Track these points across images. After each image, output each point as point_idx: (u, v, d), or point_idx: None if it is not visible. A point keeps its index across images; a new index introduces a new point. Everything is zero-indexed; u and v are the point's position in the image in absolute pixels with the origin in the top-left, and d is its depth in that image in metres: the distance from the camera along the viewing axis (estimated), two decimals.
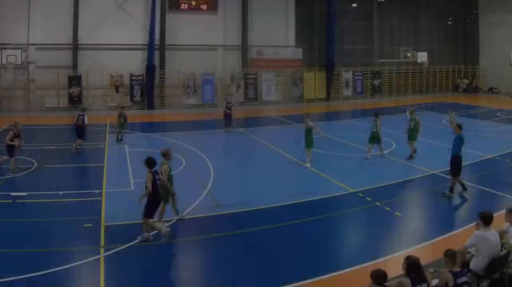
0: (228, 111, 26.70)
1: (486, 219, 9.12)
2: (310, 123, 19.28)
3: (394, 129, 24.71)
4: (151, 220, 11.55)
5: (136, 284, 9.75)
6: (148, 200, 11.38)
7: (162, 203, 12.25)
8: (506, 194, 15.61)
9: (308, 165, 19.16)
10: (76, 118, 21.46)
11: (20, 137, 17.68)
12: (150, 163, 11.58)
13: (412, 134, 20.64)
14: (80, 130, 21.11)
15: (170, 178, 12.62)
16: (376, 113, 21.21)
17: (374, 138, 20.48)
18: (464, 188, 15.71)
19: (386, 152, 21.23)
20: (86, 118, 21.28)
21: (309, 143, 19.33)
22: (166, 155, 12.69)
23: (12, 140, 17.28)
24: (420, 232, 12.94)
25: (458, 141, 15.43)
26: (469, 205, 15.23)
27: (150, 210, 11.43)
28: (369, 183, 16.77)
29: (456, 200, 15.64)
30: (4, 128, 24.07)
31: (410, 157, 20.24)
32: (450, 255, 8.16)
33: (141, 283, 9.78)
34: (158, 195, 11.52)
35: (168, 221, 12.65)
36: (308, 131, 19.20)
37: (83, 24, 33.18)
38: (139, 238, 11.46)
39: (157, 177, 11.59)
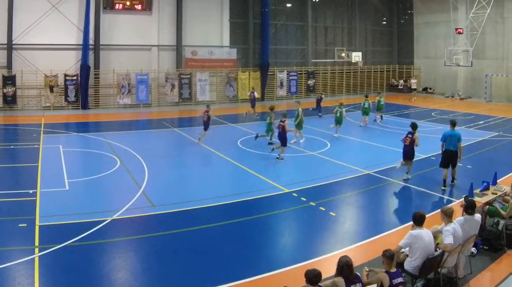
0: (319, 99, 37.08)
1: (418, 220, 9.84)
2: (300, 109, 26.06)
3: (330, 129, 28.29)
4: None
5: (71, 284, 10.25)
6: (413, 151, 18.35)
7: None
8: (441, 194, 16.98)
9: (301, 141, 25.79)
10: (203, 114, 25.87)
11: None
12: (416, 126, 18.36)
13: (380, 108, 33.08)
14: (206, 123, 25.58)
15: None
16: (366, 95, 33.53)
17: (366, 111, 31.27)
18: (444, 184, 17.50)
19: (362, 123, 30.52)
20: (210, 113, 25.74)
21: (298, 124, 25.86)
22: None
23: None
24: (354, 231, 13.87)
25: (452, 137, 17.26)
26: (404, 205, 16.52)
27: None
28: (304, 183, 18.01)
29: (391, 200, 17.11)
30: None
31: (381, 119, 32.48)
32: (388, 256, 8.67)
33: (76, 283, 10.28)
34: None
35: (103, 221, 13.74)
36: (297, 115, 25.83)
37: (17, 24, 35.67)
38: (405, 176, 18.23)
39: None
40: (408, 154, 18.40)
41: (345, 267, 8.06)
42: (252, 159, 22.32)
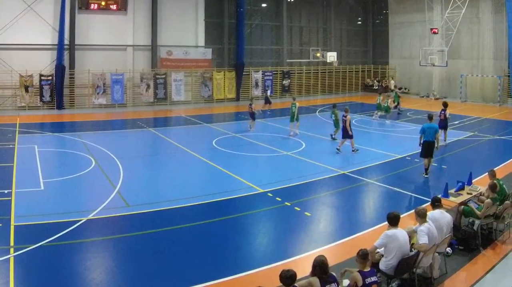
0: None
1: (392, 220, 10.16)
2: (297, 104, 29.30)
3: (303, 130, 29.54)
4: None
5: (46, 284, 10.47)
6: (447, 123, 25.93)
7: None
8: (416, 194, 17.38)
9: (292, 134, 28.67)
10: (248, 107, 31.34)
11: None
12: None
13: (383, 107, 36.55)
14: (252, 114, 31.03)
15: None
16: (386, 90, 38.20)
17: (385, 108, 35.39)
18: (426, 172, 19.76)
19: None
20: (253, 105, 31.23)
21: (292, 117, 28.94)
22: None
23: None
24: (329, 231, 14.18)
25: (430, 129, 19.58)
26: (379, 205, 16.89)
27: None
28: (279, 183, 18.48)
29: (367, 200, 17.64)
30: None
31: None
32: (361, 255, 8.95)
33: (51, 283, 10.50)
34: None
35: (78, 221, 14.06)
36: (294, 109, 28.81)
37: None
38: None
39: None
40: (444, 125, 26.16)
41: (317, 267, 8.32)
42: (227, 158, 22.95)
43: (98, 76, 40.41)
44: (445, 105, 26.75)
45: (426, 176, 19.78)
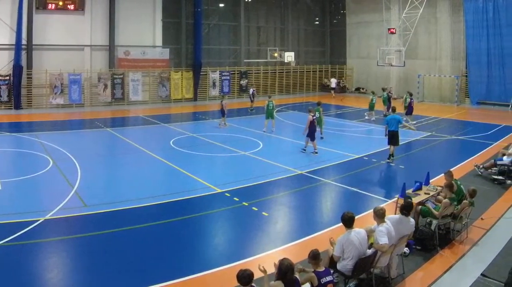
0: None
1: (346, 221, 10.45)
2: (273, 101, 31.77)
3: (260, 130, 31.19)
4: None
5: (3, 284, 10.66)
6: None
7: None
8: (373, 194, 18.15)
9: (265, 130, 31.03)
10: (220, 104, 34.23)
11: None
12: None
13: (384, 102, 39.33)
14: (222, 112, 33.91)
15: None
16: (373, 91, 41.39)
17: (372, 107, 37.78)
18: (389, 157, 22.99)
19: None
20: (225, 103, 33.89)
21: (268, 115, 31.24)
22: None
23: None
24: (287, 231, 14.71)
25: (392, 121, 22.96)
26: (336, 205, 17.55)
27: None
28: (236, 183, 19.17)
29: (324, 200, 18.33)
30: None
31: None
32: (312, 256, 9.35)
33: (8, 283, 10.73)
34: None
35: (36, 221, 14.48)
36: (271, 107, 31.26)
37: None
38: None
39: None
40: (411, 111, 34.18)
41: (284, 272, 8.65)
42: (184, 158, 23.77)
43: (56, 76, 41.97)
44: (411, 94, 35.66)
45: (388, 160, 23.08)
